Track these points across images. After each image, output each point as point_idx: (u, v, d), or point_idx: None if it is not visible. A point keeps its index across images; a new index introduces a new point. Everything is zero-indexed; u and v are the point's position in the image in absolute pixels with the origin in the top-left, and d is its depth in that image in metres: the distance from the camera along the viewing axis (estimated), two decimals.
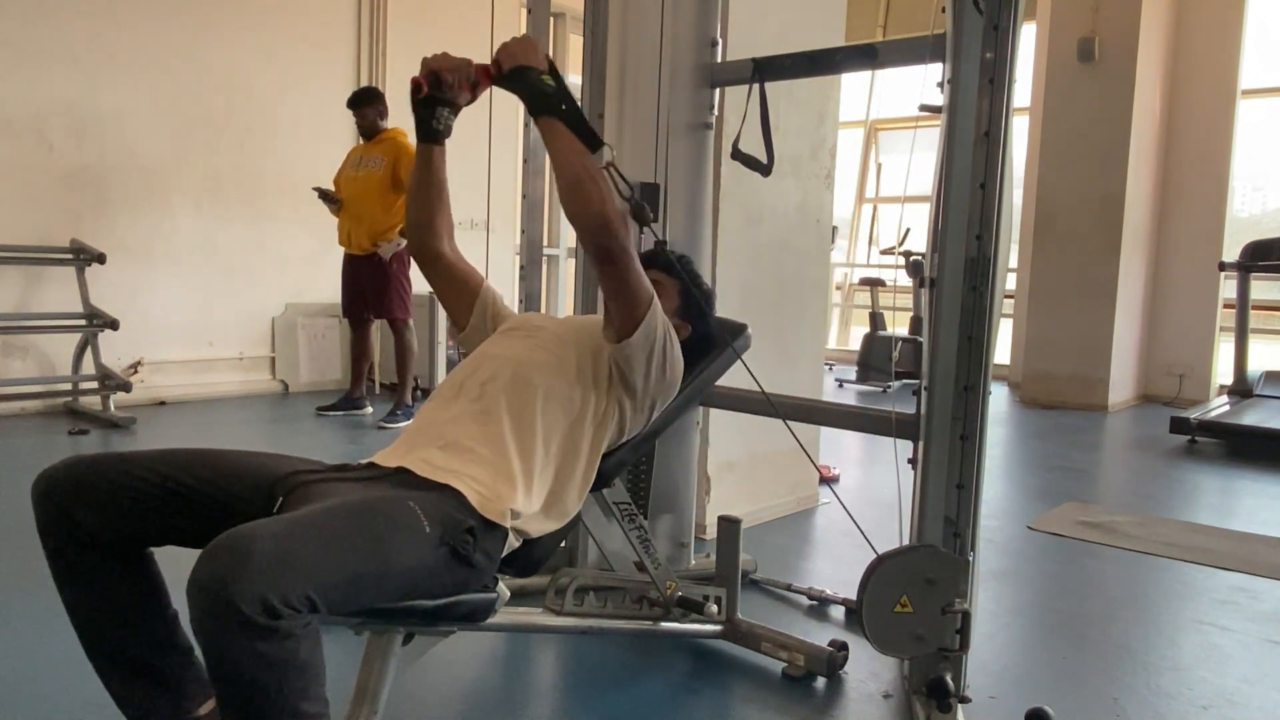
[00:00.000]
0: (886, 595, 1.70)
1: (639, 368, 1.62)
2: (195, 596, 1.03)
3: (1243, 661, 2.23)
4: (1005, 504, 3.72)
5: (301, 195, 5.24)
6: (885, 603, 1.70)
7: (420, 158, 1.76)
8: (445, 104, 1.68)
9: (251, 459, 1.46)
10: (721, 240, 2.86)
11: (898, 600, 1.70)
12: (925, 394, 1.83)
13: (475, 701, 1.92)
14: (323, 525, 1.17)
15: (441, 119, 1.70)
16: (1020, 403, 6.57)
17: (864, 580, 1.70)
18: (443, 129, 1.71)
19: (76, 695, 1.78)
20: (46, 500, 1.34)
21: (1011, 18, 1.70)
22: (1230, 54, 6.59)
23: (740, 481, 3.18)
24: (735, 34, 2.82)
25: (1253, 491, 4.20)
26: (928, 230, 1.88)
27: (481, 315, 1.82)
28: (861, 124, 9.41)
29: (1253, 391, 5.73)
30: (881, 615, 1.70)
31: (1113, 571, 2.93)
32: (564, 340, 1.68)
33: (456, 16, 6.25)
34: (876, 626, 1.71)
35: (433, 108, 1.68)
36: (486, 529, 1.38)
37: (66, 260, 4.78)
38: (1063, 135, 6.43)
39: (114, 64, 4.97)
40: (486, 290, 1.84)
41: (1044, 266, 6.58)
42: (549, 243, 6.51)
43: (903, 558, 1.72)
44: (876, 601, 1.70)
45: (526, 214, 2.63)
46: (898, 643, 1.73)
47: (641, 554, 1.94)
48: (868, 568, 1.71)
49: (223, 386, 5.51)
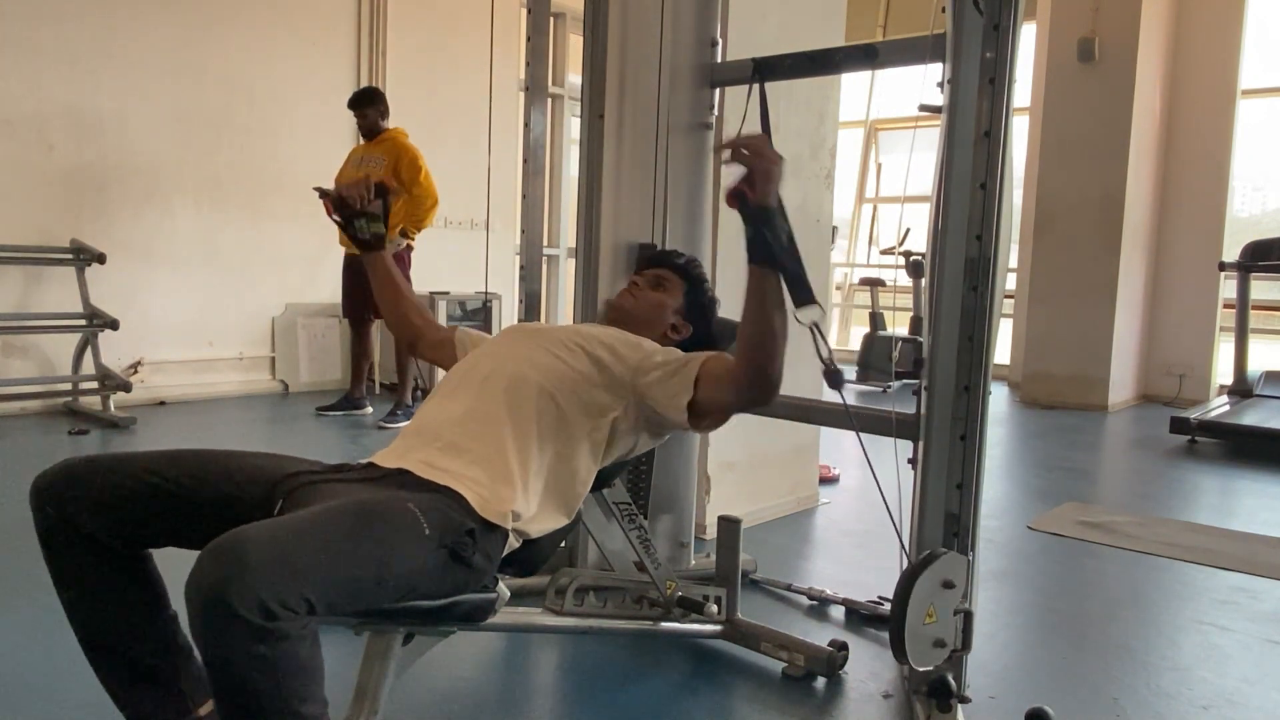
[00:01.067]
0: (919, 609, 1.63)
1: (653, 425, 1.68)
2: (193, 599, 1.03)
3: (1243, 661, 2.23)
4: (1005, 504, 3.72)
5: (301, 195, 5.22)
6: (918, 617, 1.63)
7: (365, 265, 1.92)
8: (359, 215, 1.80)
9: (251, 459, 1.46)
10: (721, 240, 2.85)
11: (926, 612, 1.64)
12: (925, 394, 1.83)
13: (475, 701, 1.91)
14: (321, 527, 1.17)
15: (363, 229, 1.82)
16: (1020, 403, 6.57)
17: (900, 597, 1.62)
18: (369, 238, 1.84)
19: (76, 695, 1.78)
20: (45, 501, 1.34)
21: (1011, 18, 1.69)
22: (1230, 54, 6.59)
23: (740, 481, 3.18)
24: (735, 34, 2.81)
25: (1253, 491, 4.20)
26: (928, 230, 1.87)
27: (465, 351, 1.87)
28: (861, 124, 9.41)
29: (1253, 391, 5.73)
30: (916, 631, 1.63)
31: (1113, 571, 2.93)
32: (567, 344, 1.67)
33: (456, 16, 6.26)
34: (914, 643, 1.63)
35: (351, 222, 1.81)
36: (486, 530, 1.38)
37: (66, 260, 4.78)
38: (1063, 135, 6.42)
39: (114, 64, 4.97)
40: (460, 332, 1.93)
41: (1044, 266, 6.58)
42: (549, 243, 6.53)
43: (932, 567, 1.65)
44: (914, 617, 1.62)
45: (526, 214, 2.63)
46: (927, 654, 1.66)
47: (641, 554, 1.94)
48: (902, 583, 1.63)
49: (223, 386, 5.51)
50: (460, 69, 6.26)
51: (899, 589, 1.64)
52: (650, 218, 2.43)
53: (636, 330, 1.79)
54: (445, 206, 5.10)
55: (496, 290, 6.02)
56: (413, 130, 5.00)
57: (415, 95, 5.99)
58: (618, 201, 2.43)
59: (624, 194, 2.43)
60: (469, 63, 6.26)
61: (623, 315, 1.85)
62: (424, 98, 6.10)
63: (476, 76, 6.18)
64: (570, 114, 7.10)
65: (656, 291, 1.88)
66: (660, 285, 1.89)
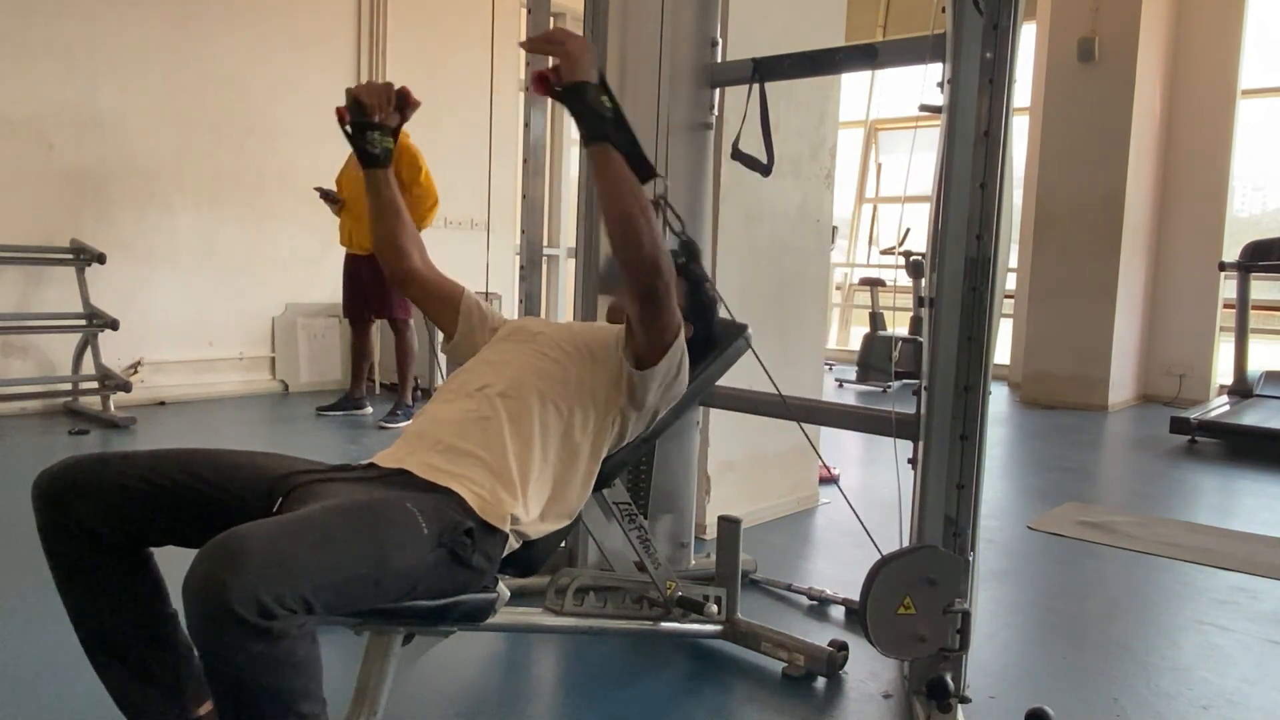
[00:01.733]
0: (889, 597, 1.69)
1: (654, 389, 1.64)
2: (190, 598, 1.03)
3: (1243, 661, 2.23)
4: (1005, 504, 3.72)
5: (301, 195, 5.24)
6: (888, 605, 1.69)
7: (368, 185, 1.76)
8: (373, 128, 1.69)
9: (251, 459, 1.46)
10: (721, 240, 2.85)
11: (900, 602, 1.69)
12: (925, 394, 1.83)
13: (475, 701, 1.91)
14: (319, 526, 1.17)
15: (375, 142, 1.71)
16: (1020, 403, 6.57)
17: (867, 583, 1.69)
18: (379, 152, 1.72)
19: (76, 695, 1.78)
20: (46, 500, 1.34)
21: (1011, 18, 1.69)
22: (1230, 54, 6.59)
23: (740, 481, 3.18)
24: (735, 34, 2.82)
25: (1253, 491, 4.19)
26: (928, 230, 1.88)
27: (468, 323, 1.82)
28: (861, 124, 9.41)
29: (1253, 391, 5.73)
30: (885, 618, 1.69)
31: (1113, 571, 2.93)
32: (564, 346, 1.68)
33: (456, 16, 6.26)
34: (880, 629, 1.69)
35: (363, 133, 1.70)
36: (485, 531, 1.38)
37: (66, 260, 4.77)
38: (1063, 135, 6.42)
39: (114, 64, 4.97)
40: (468, 297, 1.84)
41: (1044, 266, 6.58)
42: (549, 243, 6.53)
43: (905, 559, 1.71)
44: (880, 604, 1.68)
45: (526, 214, 2.63)
46: (901, 644, 1.72)
47: (641, 554, 1.94)
48: (871, 570, 1.70)
49: (223, 386, 5.51)
50: (460, 69, 6.26)
51: (868, 573, 1.69)
52: None
53: None
54: (445, 206, 5.10)
55: (496, 290, 6.00)
56: (413, 130, 4.96)
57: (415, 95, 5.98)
58: None
59: None
60: (469, 63, 6.25)
61: (624, 318, 1.85)
62: (424, 98, 6.04)
63: (476, 76, 6.18)
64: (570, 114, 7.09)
65: None
66: None
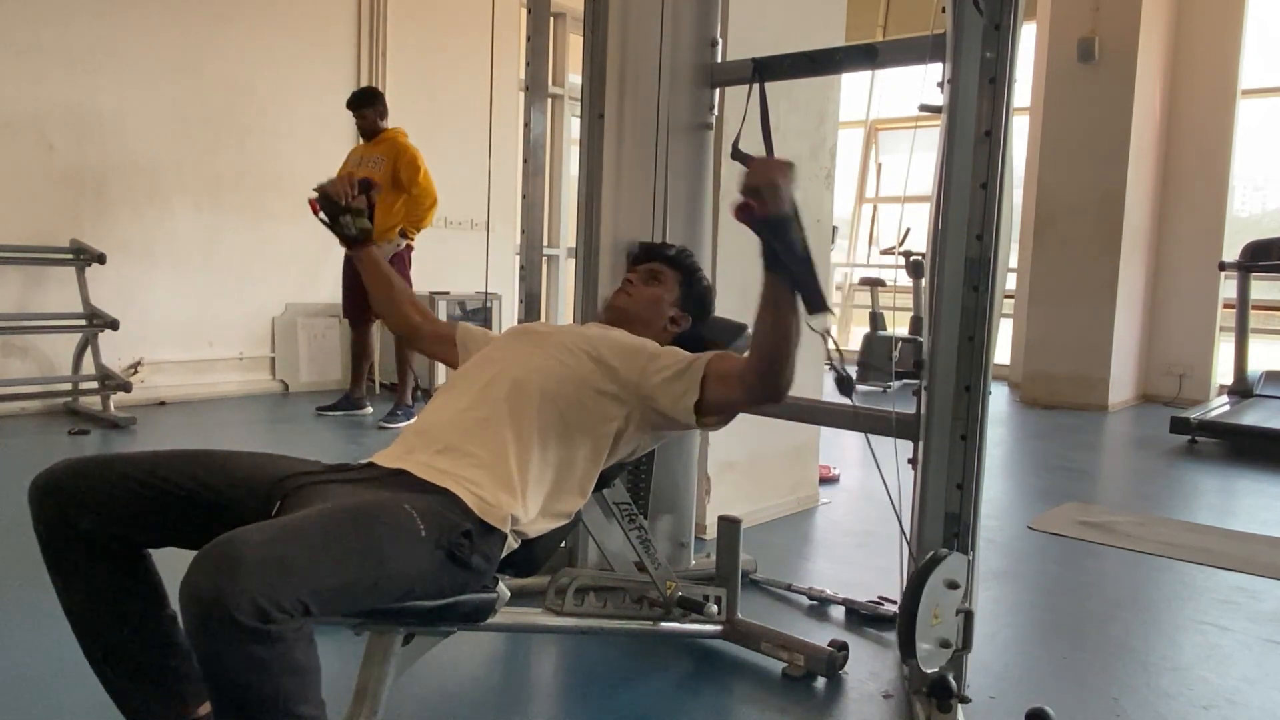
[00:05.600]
0: (927, 611, 1.63)
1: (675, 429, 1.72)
2: (187, 602, 1.02)
3: (1243, 661, 2.23)
4: (1005, 504, 3.72)
5: (302, 195, 5.16)
6: (927, 619, 1.63)
7: (357, 263, 1.91)
8: (345, 211, 1.81)
9: (250, 460, 1.46)
10: (721, 240, 2.85)
11: (933, 613, 1.64)
12: (925, 394, 1.83)
13: (475, 701, 1.91)
14: (316, 528, 1.17)
15: (349, 225, 1.83)
16: (1020, 403, 6.57)
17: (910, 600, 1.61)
18: (355, 233, 1.84)
19: (76, 695, 1.78)
20: (44, 501, 1.34)
21: (1011, 18, 1.69)
22: (1230, 54, 6.59)
23: (740, 481, 3.18)
24: (735, 34, 2.81)
25: (1253, 491, 4.19)
26: (928, 230, 1.87)
27: (467, 352, 1.87)
28: (861, 124, 9.41)
29: (1253, 391, 5.73)
30: (924, 633, 1.63)
31: (1113, 571, 2.93)
32: (571, 349, 1.67)
33: (456, 16, 6.26)
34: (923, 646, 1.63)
35: (336, 220, 1.82)
36: (484, 531, 1.38)
37: (66, 260, 4.77)
38: (1063, 135, 6.42)
39: (114, 64, 4.96)
40: (461, 330, 1.94)
41: (1044, 266, 6.57)
42: (549, 243, 6.53)
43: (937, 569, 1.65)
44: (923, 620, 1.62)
45: (526, 214, 2.63)
46: (934, 655, 1.67)
47: (641, 554, 1.94)
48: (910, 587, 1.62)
49: (223, 386, 5.51)
50: (460, 69, 6.26)
51: (908, 592, 1.64)
52: (650, 218, 2.43)
53: (636, 328, 1.80)
54: (445, 206, 5.10)
55: (496, 290, 6.02)
56: (413, 130, 5.00)
57: (415, 95, 5.99)
58: (618, 201, 2.43)
59: (624, 194, 2.43)
60: (469, 63, 6.25)
61: (621, 315, 1.85)
62: (424, 98, 6.10)
63: (476, 76, 6.18)
64: (570, 114, 7.10)
65: (651, 286, 1.89)
66: (654, 279, 1.90)
